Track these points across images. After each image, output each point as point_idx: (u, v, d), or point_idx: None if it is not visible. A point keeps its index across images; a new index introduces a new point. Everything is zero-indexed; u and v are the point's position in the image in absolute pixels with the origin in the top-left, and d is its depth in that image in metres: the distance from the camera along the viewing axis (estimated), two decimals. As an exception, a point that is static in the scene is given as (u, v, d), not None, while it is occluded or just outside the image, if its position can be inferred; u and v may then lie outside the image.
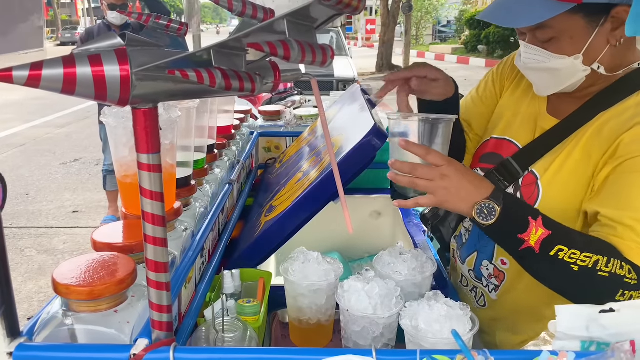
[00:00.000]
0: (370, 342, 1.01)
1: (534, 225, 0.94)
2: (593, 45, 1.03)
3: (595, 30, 1.02)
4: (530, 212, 0.97)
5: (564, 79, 1.08)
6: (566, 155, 1.10)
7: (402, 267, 1.14)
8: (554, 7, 0.98)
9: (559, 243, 0.94)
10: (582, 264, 0.93)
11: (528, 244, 0.95)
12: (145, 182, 0.71)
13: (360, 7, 0.61)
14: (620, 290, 0.93)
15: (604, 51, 1.04)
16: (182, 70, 0.60)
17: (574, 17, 1.01)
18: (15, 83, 0.56)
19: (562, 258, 0.94)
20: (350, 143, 1.29)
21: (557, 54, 1.04)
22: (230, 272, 1.19)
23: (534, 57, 1.07)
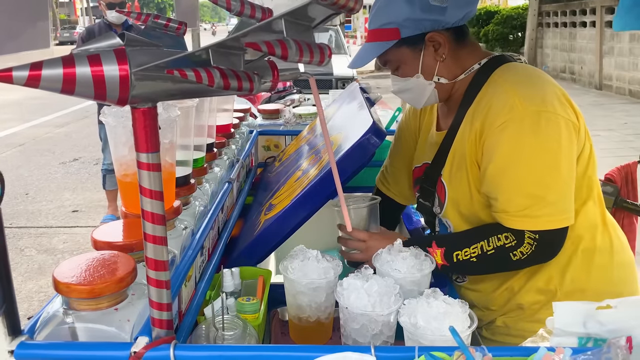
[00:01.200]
0: (369, 340, 1.01)
1: (432, 250, 1.25)
2: (425, 65, 1.30)
3: (421, 54, 1.29)
4: (426, 242, 1.27)
5: (420, 94, 1.34)
6: (453, 153, 1.32)
7: (400, 265, 1.14)
8: (380, 47, 1.29)
9: (453, 251, 1.23)
10: (474, 254, 1.21)
11: (439, 263, 1.24)
12: (145, 181, 0.71)
13: (356, 8, 0.61)
14: (509, 255, 1.18)
15: (437, 66, 1.31)
16: (180, 70, 0.61)
17: (401, 49, 1.29)
18: (15, 83, 0.57)
19: (462, 259, 1.22)
20: (349, 141, 1.29)
21: (404, 77, 1.33)
22: (229, 270, 1.19)
23: (394, 84, 1.37)
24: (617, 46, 10.95)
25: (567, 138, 1.18)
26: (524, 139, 1.17)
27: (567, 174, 1.19)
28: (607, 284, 1.30)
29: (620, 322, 0.73)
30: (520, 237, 1.17)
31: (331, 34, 10.13)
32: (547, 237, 1.17)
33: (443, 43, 1.28)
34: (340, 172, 1.03)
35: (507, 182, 1.19)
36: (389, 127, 2.32)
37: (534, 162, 1.16)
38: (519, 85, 1.21)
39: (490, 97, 1.23)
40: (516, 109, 1.17)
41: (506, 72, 1.26)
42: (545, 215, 1.16)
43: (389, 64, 1.35)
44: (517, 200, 1.17)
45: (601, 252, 1.30)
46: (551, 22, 13.89)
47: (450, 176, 1.33)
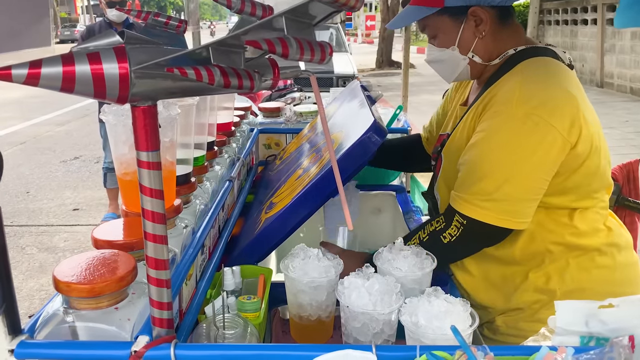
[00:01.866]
0: (371, 338, 1.01)
1: None
2: (463, 38, 1.30)
3: (461, 27, 1.29)
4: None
5: (452, 67, 1.35)
6: (458, 131, 1.35)
7: (402, 264, 1.14)
8: (421, 12, 1.29)
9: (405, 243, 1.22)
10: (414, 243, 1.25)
11: None
12: (145, 179, 0.71)
13: (357, 6, 0.61)
14: (440, 237, 1.23)
15: (474, 43, 1.30)
16: (180, 68, 0.60)
17: (442, 17, 1.29)
18: (14, 81, 0.56)
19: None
20: (350, 139, 1.29)
21: (439, 47, 1.33)
22: (230, 268, 1.19)
23: (429, 53, 1.37)
24: (618, 44, 10.93)
25: (546, 148, 1.16)
26: (503, 131, 1.18)
27: (530, 180, 1.18)
28: (608, 285, 1.29)
29: (623, 321, 0.72)
30: (450, 218, 1.22)
31: (332, 31, 10.13)
32: (474, 227, 1.20)
33: (485, 20, 1.27)
34: (341, 171, 1.02)
35: (470, 164, 1.22)
36: (390, 125, 2.32)
37: (500, 156, 1.18)
38: (527, 83, 1.21)
39: (502, 85, 1.25)
40: (513, 102, 1.18)
41: (528, 66, 1.26)
42: (484, 208, 1.18)
43: (427, 30, 1.34)
44: (469, 183, 1.21)
45: (603, 252, 1.29)
46: (552, 19, 13.87)
47: (448, 151, 1.36)
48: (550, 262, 1.27)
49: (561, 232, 1.26)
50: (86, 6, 42.02)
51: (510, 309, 1.33)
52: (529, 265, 1.27)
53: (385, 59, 17.19)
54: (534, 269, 1.28)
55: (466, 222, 1.20)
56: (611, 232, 1.32)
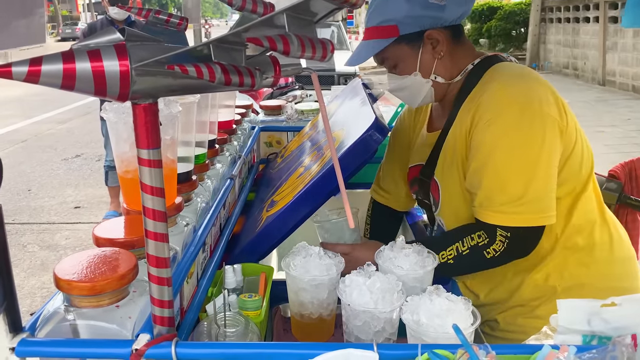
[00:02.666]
0: (372, 337, 1.01)
1: None
2: (423, 62, 1.31)
3: (419, 51, 1.30)
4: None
5: (417, 92, 1.35)
6: (445, 153, 1.34)
7: (403, 262, 1.14)
8: (379, 45, 1.29)
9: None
10: (451, 256, 1.23)
11: None
12: (146, 177, 0.71)
13: (358, 3, 0.61)
14: (483, 253, 1.20)
15: (434, 65, 1.32)
16: (181, 66, 0.60)
17: (399, 46, 1.30)
18: (14, 79, 0.56)
19: (440, 261, 1.20)
20: (352, 137, 1.29)
21: (401, 75, 1.34)
22: (231, 267, 1.19)
23: (391, 82, 1.38)
24: (620, 42, 10.91)
25: (550, 137, 1.18)
26: (507, 135, 1.18)
27: (548, 172, 1.19)
28: (607, 279, 1.30)
29: (625, 320, 0.72)
30: (492, 234, 1.19)
31: (333, 29, 10.12)
32: (519, 234, 1.18)
33: (441, 41, 1.29)
34: (343, 169, 1.02)
35: (488, 177, 1.19)
36: (392, 123, 2.31)
37: (515, 159, 1.17)
38: (507, 84, 1.22)
39: (480, 95, 1.24)
40: (502, 106, 1.19)
41: (496, 72, 1.27)
42: (520, 212, 1.17)
43: (386, 62, 1.36)
44: (495, 195, 1.19)
45: (600, 247, 1.30)
46: (554, 17, 13.85)
47: (443, 175, 1.34)
48: (550, 260, 1.28)
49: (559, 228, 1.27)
50: (87, 4, 42.03)
51: (511, 306, 1.34)
52: (529, 263, 1.27)
53: (387, 57, 17.15)
54: (533, 266, 1.29)
55: (510, 233, 1.18)
56: (606, 226, 1.33)
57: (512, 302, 1.33)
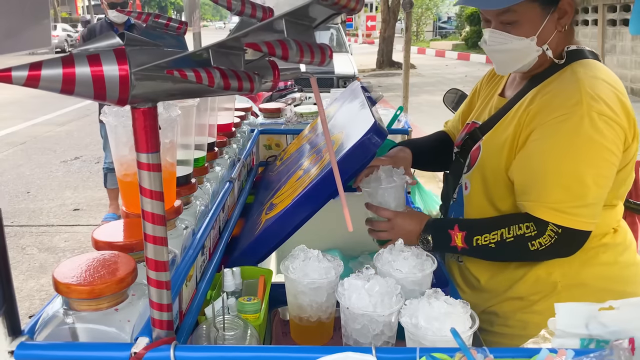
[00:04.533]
0: (371, 340, 1.01)
1: (454, 233, 1.28)
2: (545, 30, 1.25)
3: (547, 17, 1.24)
4: (449, 225, 1.30)
5: (521, 58, 1.29)
6: (502, 123, 1.34)
7: (402, 265, 1.14)
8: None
9: (474, 235, 1.25)
10: (494, 240, 1.23)
11: (459, 246, 1.27)
12: (145, 181, 0.71)
13: (357, 8, 0.61)
14: (528, 244, 1.20)
15: (552, 36, 1.27)
16: (180, 70, 0.60)
17: (533, 4, 1.23)
18: (14, 83, 0.56)
19: (482, 243, 1.24)
20: (351, 141, 1.29)
21: (517, 36, 1.25)
22: (230, 270, 1.19)
23: (497, 40, 1.28)
24: (619, 44, 10.93)
25: (619, 147, 1.19)
26: (580, 136, 1.17)
27: (608, 182, 1.20)
28: (610, 282, 1.30)
29: (623, 324, 0.72)
30: (543, 228, 1.18)
31: (332, 32, 10.13)
32: (568, 235, 1.18)
33: (569, 13, 1.25)
34: (342, 172, 1.02)
35: (551, 172, 1.19)
36: (390, 126, 2.32)
37: (585, 161, 1.17)
38: (590, 84, 1.20)
39: (559, 84, 1.24)
40: (581, 105, 1.17)
41: (584, 67, 1.26)
42: (577, 215, 1.17)
43: (508, 15, 1.25)
44: (555, 192, 1.18)
45: (609, 251, 1.31)
46: (553, 20, 13.85)
47: (489, 143, 1.34)
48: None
49: None
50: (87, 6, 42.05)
51: (509, 297, 1.35)
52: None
53: (386, 60, 17.20)
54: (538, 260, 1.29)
55: (561, 231, 1.17)
56: (617, 232, 1.33)
57: (512, 292, 1.34)
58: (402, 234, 1.29)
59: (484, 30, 1.32)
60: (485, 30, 1.32)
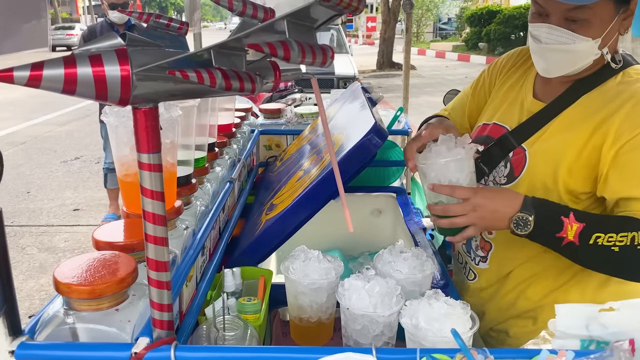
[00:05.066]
0: (371, 341, 1.01)
1: (568, 222, 1.04)
2: (610, 31, 1.13)
3: (615, 18, 1.11)
4: (562, 211, 1.07)
5: (578, 61, 1.15)
6: (552, 133, 1.20)
7: (402, 266, 1.14)
8: None
9: (595, 231, 1.03)
10: (620, 243, 1.02)
11: (567, 239, 1.04)
12: (146, 181, 0.71)
13: (360, 8, 0.61)
14: None
15: (614, 38, 1.15)
16: (182, 71, 0.60)
17: (608, 1, 1.09)
18: (16, 83, 0.56)
19: (601, 243, 1.02)
20: (351, 141, 1.29)
21: (584, 36, 1.11)
22: (231, 270, 1.19)
23: (558, 38, 1.13)
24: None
25: None
26: None
27: None
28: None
29: (623, 325, 0.72)
30: None
31: (333, 33, 10.13)
32: None
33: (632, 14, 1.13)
34: (342, 172, 1.03)
35: None
36: (391, 127, 2.32)
37: None
38: None
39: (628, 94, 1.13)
40: None
41: None
42: None
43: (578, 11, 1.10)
44: None
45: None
46: (553, 21, 13.86)
47: (539, 154, 1.21)
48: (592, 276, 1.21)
49: None
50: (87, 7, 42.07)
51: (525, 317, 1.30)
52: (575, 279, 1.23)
53: (386, 60, 17.21)
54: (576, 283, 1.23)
55: None
56: None
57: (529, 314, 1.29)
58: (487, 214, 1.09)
59: (536, 26, 1.16)
60: (540, 26, 1.16)
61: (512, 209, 1.07)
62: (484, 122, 1.38)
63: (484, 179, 1.31)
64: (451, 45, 23.31)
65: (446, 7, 30.64)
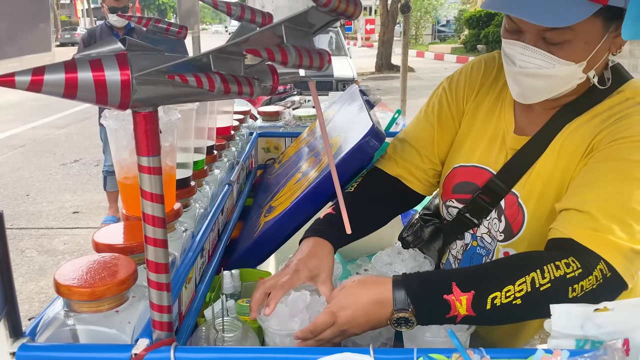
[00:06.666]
0: (369, 342, 1.02)
1: (454, 298, 0.88)
2: (598, 52, 0.97)
3: (605, 36, 0.96)
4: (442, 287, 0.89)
5: (558, 87, 1.01)
6: (540, 170, 1.06)
7: (400, 267, 1.15)
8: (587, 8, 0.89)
9: (488, 294, 0.87)
10: (520, 294, 0.87)
11: (461, 316, 0.88)
12: (146, 184, 0.72)
13: (356, 13, 0.62)
14: (569, 288, 0.87)
15: (603, 59, 1.00)
16: (181, 75, 0.61)
17: (594, 20, 0.92)
18: (17, 88, 0.57)
19: (500, 304, 0.87)
20: (349, 144, 1.30)
21: (565, 60, 0.96)
22: (229, 272, 1.20)
23: (535, 61, 0.97)
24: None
25: None
26: None
27: None
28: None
29: (618, 325, 0.73)
30: (590, 264, 0.88)
31: (331, 35, 10.14)
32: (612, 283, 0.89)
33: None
34: (340, 175, 1.03)
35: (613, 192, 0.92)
36: (389, 129, 2.32)
37: None
38: None
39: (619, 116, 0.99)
40: None
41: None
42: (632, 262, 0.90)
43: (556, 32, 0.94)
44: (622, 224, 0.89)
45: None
46: (551, 23, 13.86)
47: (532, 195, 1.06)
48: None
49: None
50: (86, 9, 42.10)
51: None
52: None
53: (385, 63, 17.24)
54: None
55: (610, 275, 0.88)
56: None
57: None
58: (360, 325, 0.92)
59: (510, 43, 1.01)
60: (513, 44, 1.00)
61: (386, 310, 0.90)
62: (461, 164, 1.19)
63: (472, 230, 1.17)
64: (450, 48, 23.34)
65: (445, 10, 30.69)
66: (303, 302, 0.99)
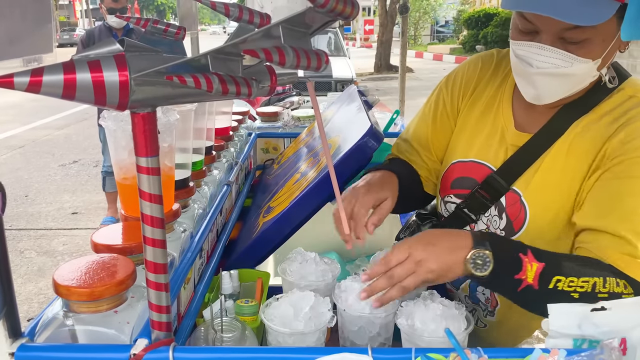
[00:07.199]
0: (367, 342, 1.02)
1: (527, 261, 0.89)
2: (611, 50, 0.98)
3: (617, 34, 0.96)
4: (519, 247, 0.92)
5: (574, 85, 1.01)
6: (547, 169, 1.06)
7: (398, 267, 1.15)
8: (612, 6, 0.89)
9: (555, 274, 0.89)
10: (581, 289, 0.89)
11: (526, 282, 0.89)
12: (144, 184, 0.72)
13: (353, 14, 0.62)
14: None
15: (613, 57, 1.01)
16: (179, 76, 0.61)
17: (612, 17, 0.91)
18: (16, 89, 0.57)
19: (561, 288, 0.89)
20: (347, 144, 1.30)
21: (583, 58, 0.96)
22: (228, 272, 1.20)
23: (553, 61, 0.97)
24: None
25: None
26: None
27: None
28: None
29: (615, 324, 0.73)
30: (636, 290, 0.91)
31: (330, 36, 10.14)
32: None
33: None
34: (338, 175, 1.04)
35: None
36: (387, 129, 2.33)
37: None
38: None
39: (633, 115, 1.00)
40: None
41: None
42: None
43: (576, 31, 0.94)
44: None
45: None
46: (550, 24, 13.88)
47: (536, 194, 1.06)
48: None
49: None
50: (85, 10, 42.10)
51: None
52: None
53: (384, 63, 17.24)
54: None
55: None
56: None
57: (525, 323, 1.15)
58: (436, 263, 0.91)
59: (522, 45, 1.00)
60: (527, 45, 0.99)
61: (464, 249, 0.90)
62: (459, 160, 1.19)
63: (470, 226, 1.16)
64: (448, 48, 23.36)
65: (443, 10, 30.70)
66: (307, 303, 1.00)
